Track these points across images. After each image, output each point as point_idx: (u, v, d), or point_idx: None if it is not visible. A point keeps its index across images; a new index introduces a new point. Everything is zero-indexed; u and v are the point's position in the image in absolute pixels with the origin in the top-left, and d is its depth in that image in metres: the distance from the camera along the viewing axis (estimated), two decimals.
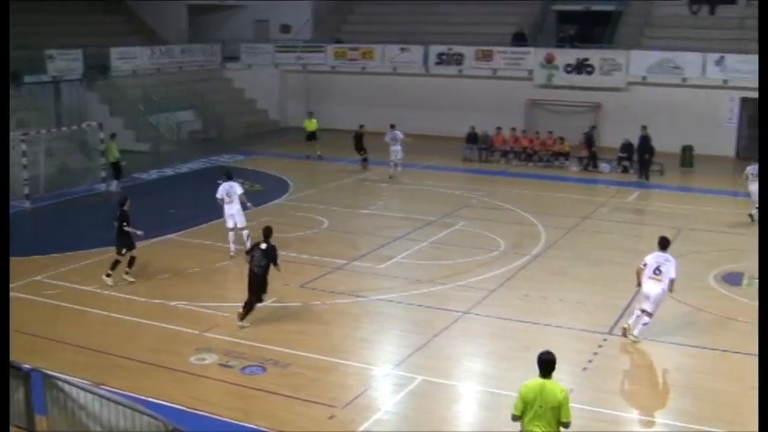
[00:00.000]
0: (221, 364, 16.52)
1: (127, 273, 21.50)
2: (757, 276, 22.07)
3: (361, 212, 29.17)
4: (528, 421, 11.00)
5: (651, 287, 17.59)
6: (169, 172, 37.46)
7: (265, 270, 18.42)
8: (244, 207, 23.88)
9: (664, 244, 17.97)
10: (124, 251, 21.35)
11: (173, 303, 20.05)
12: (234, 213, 23.86)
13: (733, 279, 21.37)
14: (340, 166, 37.96)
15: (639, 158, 36.50)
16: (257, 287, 18.50)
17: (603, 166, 37.84)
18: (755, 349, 17.32)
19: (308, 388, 15.46)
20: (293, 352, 17.02)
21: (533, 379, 11.18)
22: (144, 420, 11.54)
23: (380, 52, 48.50)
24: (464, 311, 19.61)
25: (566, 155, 39.23)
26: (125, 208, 21.46)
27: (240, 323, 18.39)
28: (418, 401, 15.18)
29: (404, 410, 14.90)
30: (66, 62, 41.45)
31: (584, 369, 16.50)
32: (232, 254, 23.76)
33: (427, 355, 17.19)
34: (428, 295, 20.84)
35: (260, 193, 31.80)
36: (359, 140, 37.74)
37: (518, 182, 35.95)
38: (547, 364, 11.13)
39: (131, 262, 21.57)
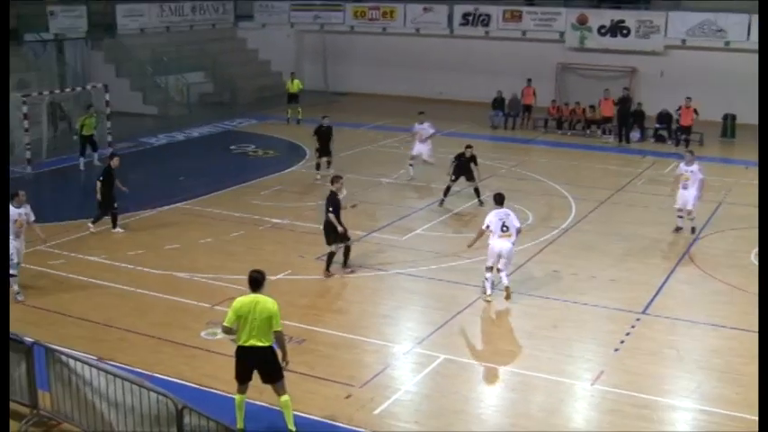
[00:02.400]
0: (234, 340, 16.55)
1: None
2: None
3: (382, 182, 29.09)
4: (245, 335, 12.60)
5: (503, 244, 18.72)
6: (179, 137, 37.50)
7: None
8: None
9: (500, 200, 19.17)
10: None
11: (183, 275, 20.15)
12: None
13: None
14: (360, 132, 37.85)
15: (624, 122, 37.34)
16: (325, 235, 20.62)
17: (633, 135, 37.68)
18: None
19: (324, 365, 15.52)
20: (309, 327, 17.07)
21: (246, 295, 12.64)
22: (152, 397, 11.61)
23: (402, 12, 48.16)
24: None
25: (598, 123, 39.02)
26: (111, 164, 23.49)
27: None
28: (440, 381, 15.22)
29: (425, 390, 14.94)
30: (69, 19, 41.39)
31: (616, 350, 16.49)
32: None
33: (450, 333, 17.24)
34: (451, 270, 20.82)
35: (274, 159, 31.81)
36: (325, 139, 29.68)
37: (548, 151, 35.88)
38: (253, 281, 12.69)
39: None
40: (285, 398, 12.95)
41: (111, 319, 17.48)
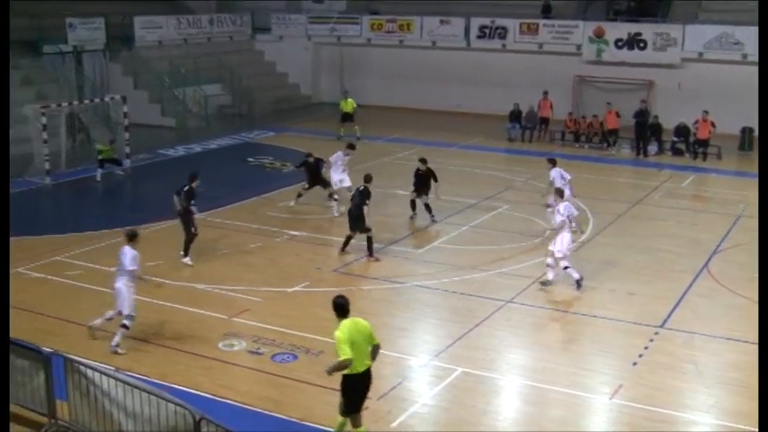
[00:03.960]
0: (251, 351, 16.60)
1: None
2: None
3: (398, 194, 28.97)
4: (359, 360, 12.30)
5: (570, 237, 20.35)
6: (196, 148, 37.60)
7: (359, 208, 21.86)
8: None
9: (562, 194, 21.09)
10: (193, 230, 22.04)
11: (200, 286, 20.18)
12: None
13: None
14: (377, 145, 37.84)
15: (641, 135, 37.33)
16: (354, 223, 22.14)
17: (650, 148, 37.55)
18: None
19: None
20: (326, 339, 16.83)
21: (342, 322, 12.40)
22: (170, 408, 11.62)
23: (419, 24, 48.07)
24: (507, 300, 19.58)
25: (606, 136, 38.80)
26: (194, 186, 22.00)
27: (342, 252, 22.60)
28: (458, 394, 15.18)
29: (442, 403, 14.90)
30: (87, 31, 41.50)
31: (635, 364, 16.41)
32: None
33: (467, 346, 17.18)
34: (469, 282, 20.80)
35: (291, 171, 31.81)
36: (315, 172, 27.69)
37: (565, 163, 35.50)
38: (340, 307, 12.55)
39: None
40: (363, 429, 12.95)
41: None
